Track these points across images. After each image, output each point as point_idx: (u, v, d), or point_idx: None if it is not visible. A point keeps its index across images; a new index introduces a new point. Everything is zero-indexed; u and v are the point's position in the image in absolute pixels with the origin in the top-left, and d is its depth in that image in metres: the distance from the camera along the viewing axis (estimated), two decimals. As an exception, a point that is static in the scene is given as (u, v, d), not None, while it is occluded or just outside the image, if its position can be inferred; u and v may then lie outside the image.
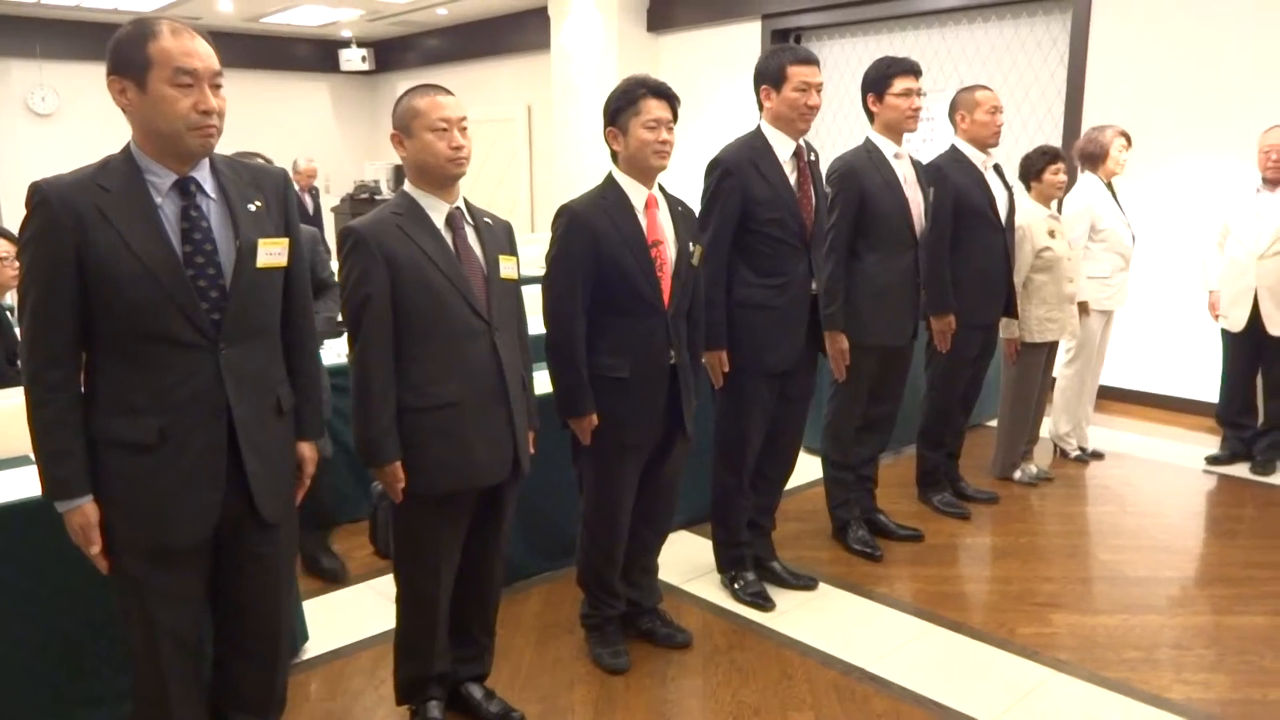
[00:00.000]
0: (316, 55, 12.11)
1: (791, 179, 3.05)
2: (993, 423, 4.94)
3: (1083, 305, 4.50)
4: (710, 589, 3.38)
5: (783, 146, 3.05)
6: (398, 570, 2.43)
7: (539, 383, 2.59)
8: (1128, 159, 4.61)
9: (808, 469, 4.10)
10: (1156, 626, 3.15)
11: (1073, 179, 4.65)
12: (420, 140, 2.21)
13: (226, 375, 1.88)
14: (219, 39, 1.89)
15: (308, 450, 2.15)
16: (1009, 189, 4.01)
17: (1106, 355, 4.90)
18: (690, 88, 6.85)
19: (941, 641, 3.06)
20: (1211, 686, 2.80)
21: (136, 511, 1.87)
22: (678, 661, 2.93)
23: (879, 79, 3.41)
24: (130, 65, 1.78)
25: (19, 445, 2.39)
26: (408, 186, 2.30)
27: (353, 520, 3.83)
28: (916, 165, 3.54)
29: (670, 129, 2.63)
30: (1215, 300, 4.71)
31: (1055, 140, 6.07)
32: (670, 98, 2.64)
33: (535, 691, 2.76)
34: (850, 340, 3.35)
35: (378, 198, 10.99)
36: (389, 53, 11.99)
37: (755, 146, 3.05)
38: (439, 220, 2.27)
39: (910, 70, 3.38)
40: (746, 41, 7.86)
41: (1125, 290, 4.68)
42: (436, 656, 2.47)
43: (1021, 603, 3.32)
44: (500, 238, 2.39)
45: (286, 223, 2.01)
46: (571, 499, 3.05)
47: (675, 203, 2.79)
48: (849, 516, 3.75)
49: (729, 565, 3.35)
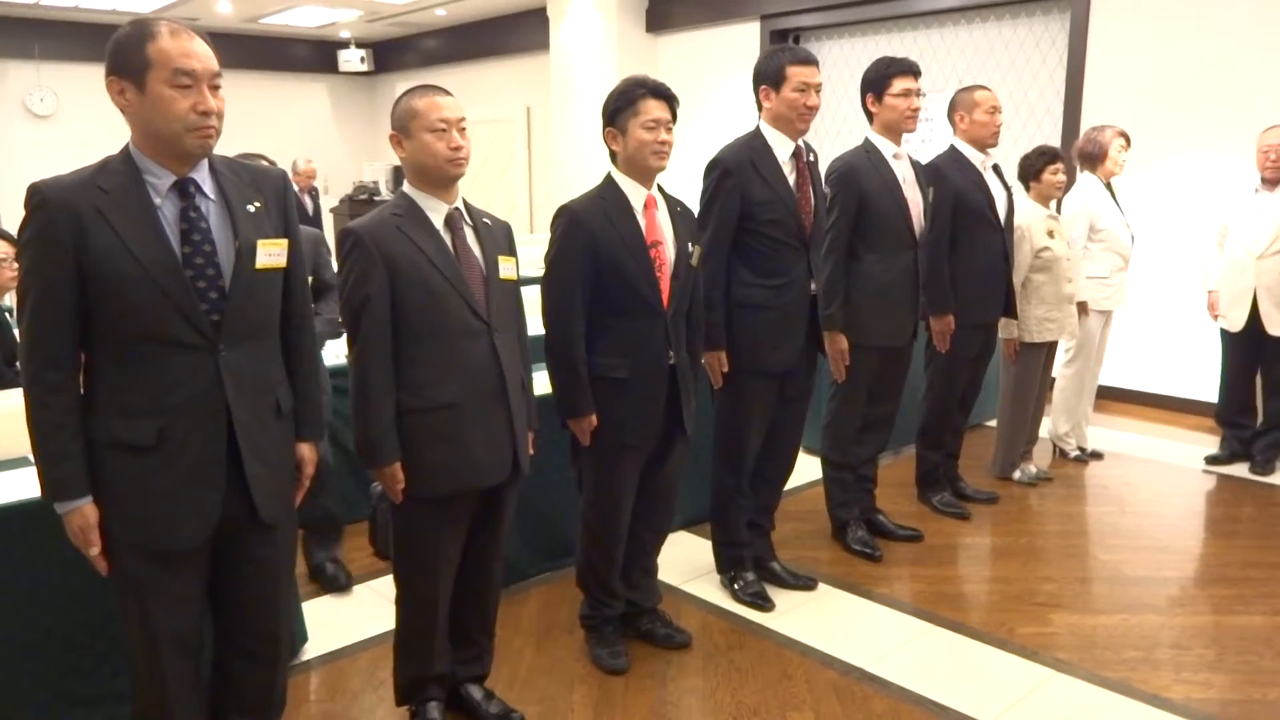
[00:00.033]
0: (315, 56, 12.11)
1: (791, 179, 3.05)
2: (992, 423, 4.95)
3: (1082, 305, 4.50)
4: (710, 589, 3.38)
5: (782, 147, 3.05)
6: (397, 571, 2.43)
7: (538, 383, 2.59)
8: (1127, 159, 4.61)
9: (807, 469, 4.10)
10: (1156, 626, 3.15)
11: (1072, 179, 4.65)
12: (419, 141, 2.21)
13: (226, 376, 1.87)
14: (217, 40, 1.89)
15: (307, 451, 2.14)
16: (1008, 189, 4.01)
17: (1106, 355, 4.90)
18: (689, 88, 6.85)
19: (941, 641, 3.06)
20: (1211, 686, 2.80)
21: (136, 513, 1.87)
22: (677, 662, 2.93)
23: (878, 79, 3.41)
24: (129, 66, 1.77)
25: (18, 446, 2.39)
26: (407, 187, 2.29)
27: (352, 521, 3.82)
28: (916, 165, 3.54)
29: (669, 129, 2.63)
30: (1214, 300, 4.71)
31: (1054, 140, 6.07)
32: (669, 98, 2.64)
33: (535, 692, 2.76)
34: (850, 340, 3.35)
35: (377, 199, 10.99)
36: (388, 54, 11.99)
37: (754, 147, 3.05)
38: (438, 221, 2.27)
39: (909, 70, 3.38)
40: (745, 42, 7.86)
41: (1124, 290, 4.68)
42: (436, 657, 2.47)
43: (1021, 603, 3.32)
44: (499, 238, 2.39)
45: (286, 224, 2.01)
46: (571, 500, 3.05)
47: (674, 203, 2.79)
48: (848, 517, 3.75)
49: (728, 566, 3.35)
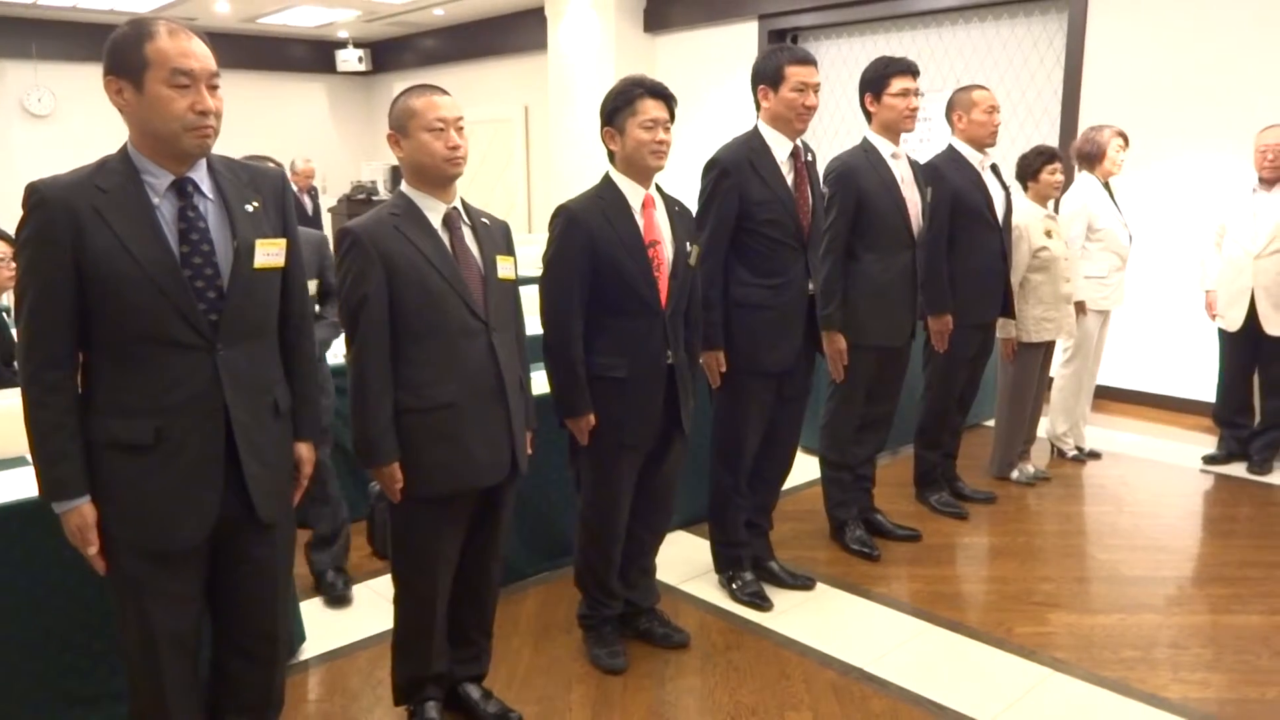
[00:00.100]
0: (313, 56, 12.10)
1: (789, 179, 3.05)
2: (990, 423, 4.95)
3: (1080, 305, 4.50)
4: (708, 589, 3.38)
5: (780, 147, 3.05)
6: (395, 571, 2.43)
7: (536, 383, 2.59)
8: (1125, 159, 4.61)
9: (805, 469, 4.10)
10: (1153, 626, 3.15)
11: (1069, 179, 4.65)
12: (417, 140, 2.21)
13: (224, 376, 1.87)
14: (215, 39, 1.89)
15: (305, 451, 2.14)
16: (1006, 189, 4.01)
17: (1103, 355, 4.91)
18: (687, 88, 6.85)
19: (939, 641, 3.06)
20: (1208, 685, 2.80)
21: (134, 512, 1.87)
22: (675, 662, 2.93)
23: (876, 79, 3.41)
24: (127, 66, 1.77)
25: (16, 446, 2.38)
26: (405, 187, 2.29)
27: (350, 520, 3.81)
28: (914, 165, 3.54)
29: (667, 129, 2.63)
30: (1212, 300, 4.72)
31: (1052, 140, 6.08)
32: (667, 98, 2.64)
33: (533, 692, 2.76)
34: (848, 340, 3.35)
35: (375, 198, 10.99)
36: (386, 53, 11.98)
37: (753, 147, 3.05)
38: (436, 221, 2.27)
39: (908, 70, 3.38)
40: (743, 42, 7.86)
41: (1122, 290, 4.68)
42: (434, 657, 2.47)
43: (1019, 602, 3.32)
44: (498, 238, 2.39)
45: (284, 223, 2.01)
46: (569, 499, 3.06)
47: (672, 203, 2.79)
48: (846, 516, 3.75)
49: (727, 565, 3.35)
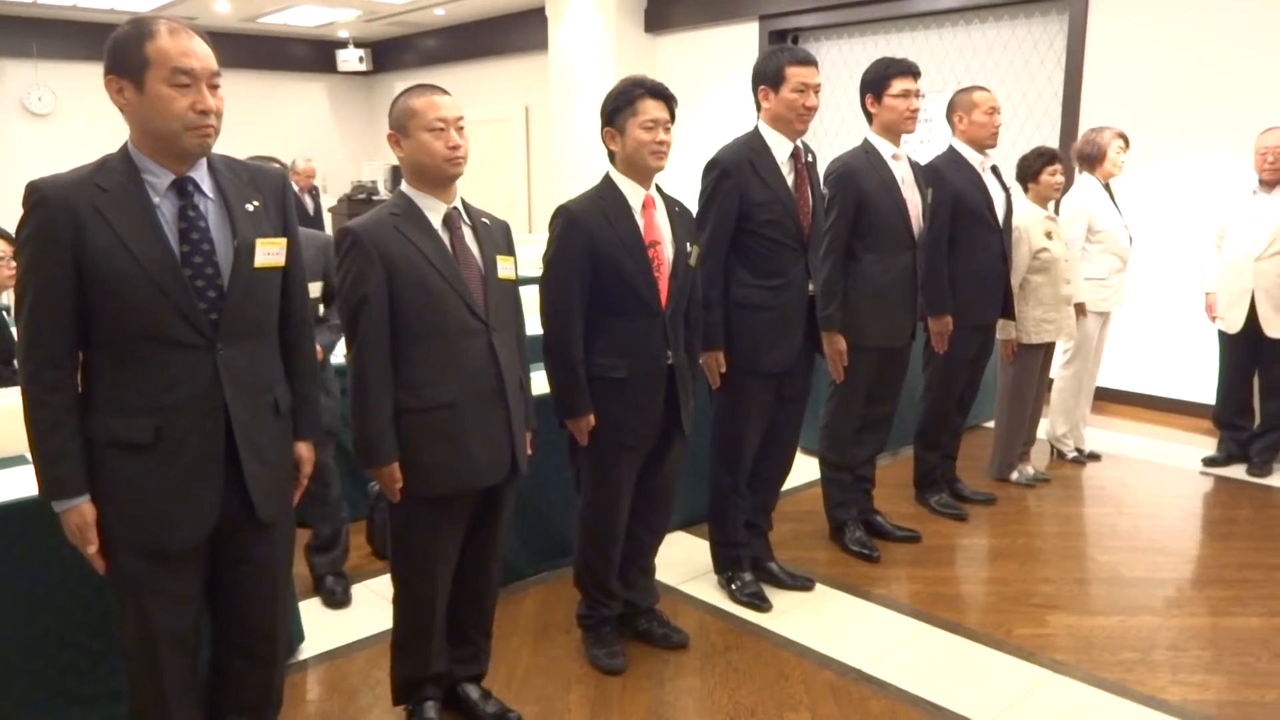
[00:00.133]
0: (313, 56, 12.09)
1: (789, 180, 3.05)
2: (990, 424, 4.95)
3: (1080, 306, 4.50)
4: (707, 590, 3.38)
5: (780, 147, 3.05)
6: (394, 570, 2.43)
7: (536, 383, 2.59)
8: (1125, 160, 4.61)
9: (805, 470, 4.10)
10: (1153, 628, 3.15)
11: (1070, 180, 4.65)
12: (417, 140, 2.21)
13: (224, 375, 1.87)
14: (215, 39, 1.89)
15: (305, 450, 2.14)
16: (1006, 190, 4.01)
17: (1103, 357, 4.91)
18: (688, 88, 6.85)
19: (938, 642, 3.06)
20: (1208, 687, 2.80)
21: (133, 511, 1.87)
22: (674, 662, 2.93)
23: (877, 80, 3.41)
24: (128, 65, 1.77)
25: (16, 445, 2.38)
26: (405, 187, 2.29)
27: (350, 520, 3.81)
28: (915, 166, 3.54)
29: (668, 129, 2.63)
30: (1212, 302, 4.72)
31: (1052, 141, 6.08)
32: (668, 98, 2.64)
33: (532, 692, 2.76)
34: (848, 341, 3.35)
35: (375, 198, 10.98)
36: (386, 53, 11.98)
37: (753, 147, 3.05)
38: (436, 220, 2.27)
39: (909, 71, 3.38)
40: (744, 42, 7.87)
41: (1122, 292, 4.68)
42: (433, 657, 2.47)
43: (1018, 604, 3.32)
44: (498, 238, 2.39)
45: (284, 223, 2.01)
46: (568, 499, 3.06)
47: (672, 203, 2.79)
48: (846, 517, 3.75)
49: (726, 566, 3.35)
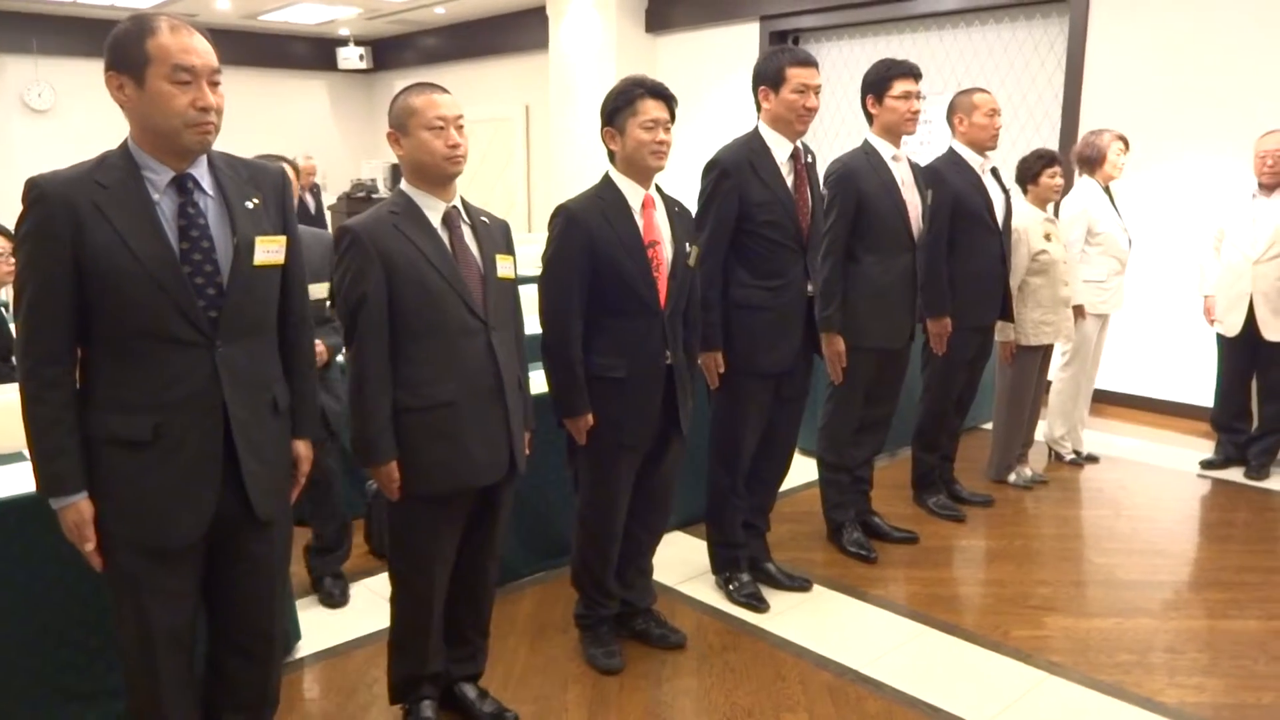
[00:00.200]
0: (314, 53, 12.08)
1: (789, 181, 3.06)
2: (988, 425, 4.95)
3: (1078, 309, 4.51)
4: (705, 590, 3.38)
5: (780, 148, 3.05)
6: (392, 569, 2.43)
7: (535, 383, 2.59)
8: (1125, 163, 4.62)
9: (803, 471, 4.10)
10: (1150, 630, 3.16)
11: (1069, 182, 4.65)
12: (417, 139, 2.21)
13: (222, 373, 1.87)
14: (216, 36, 1.89)
15: (303, 449, 2.14)
16: (1006, 192, 4.01)
17: (1102, 359, 4.91)
18: (688, 88, 6.85)
19: (936, 644, 3.06)
20: (1204, 690, 2.80)
21: (131, 509, 1.87)
22: (672, 662, 2.93)
23: (878, 81, 3.41)
24: (128, 61, 1.77)
25: (14, 442, 2.38)
26: (404, 185, 2.29)
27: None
28: (915, 167, 3.54)
29: (668, 129, 2.63)
30: (1211, 305, 4.72)
31: (1052, 144, 6.09)
32: (668, 98, 2.64)
33: (529, 691, 2.76)
34: (847, 343, 3.35)
35: (375, 196, 10.97)
36: (387, 51, 11.98)
37: (753, 148, 3.05)
38: (436, 219, 2.26)
39: (909, 73, 3.38)
40: (745, 43, 7.87)
41: (1121, 294, 4.69)
42: (430, 656, 2.47)
43: (1016, 605, 3.33)
44: (497, 237, 2.39)
45: (284, 221, 2.01)
46: (566, 499, 3.06)
47: (672, 203, 2.79)
48: (844, 518, 3.75)
49: (724, 566, 3.35)
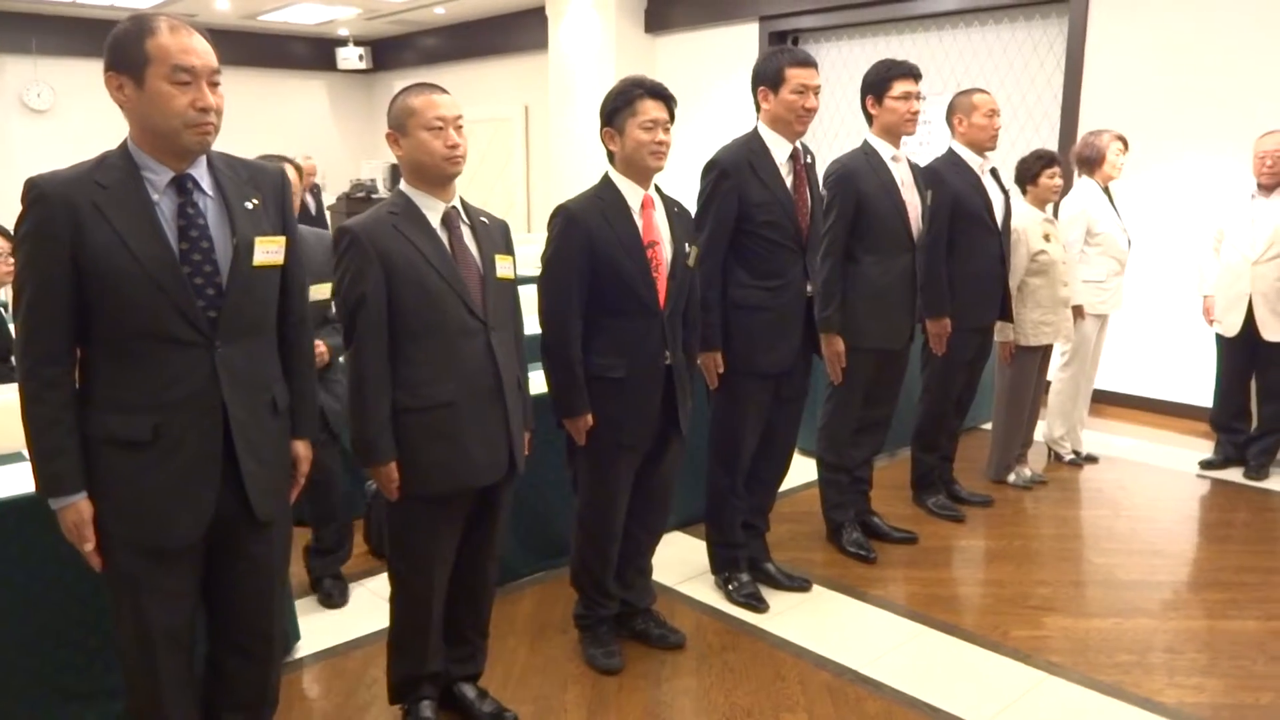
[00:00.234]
0: (313, 54, 12.08)
1: (788, 181, 3.06)
2: (987, 426, 4.95)
3: (1078, 309, 4.51)
4: (704, 590, 3.38)
5: (779, 149, 3.05)
6: (392, 569, 2.43)
7: (534, 383, 2.59)
8: (1124, 163, 4.62)
9: (802, 471, 4.11)
10: (1149, 630, 3.16)
11: (1069, 183, 4.65)
12: (416, 139, 2.21)
13: (222, 373, 1.87)
14: (215, 36, 1.88)
15: (303, 449, 2.14)
16: (1005, 192, 4.01)
17: (1101, 359, 4.91)
18: (687, 89, 6.85)
19: (935, 644, 3.06)
20: (1204, 690, 2.80)
21: (130, 509, 1.87)
22: (671, 662, 2.93)
23: (878, 82, 3.41)
24: (128, 62, 1.77)
25: (13, 442, 2.38)
26: (404, 186, 2.29)
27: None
28: (914, 168, 3.55)
29: (667, 130, 2.63)
30: (1210, 305, 4.72)
31: (1051, 144, 6.09)
32: (667, 99, 2.64)
33: (528, 691, 2.76)
34: (846, 343, 3.35)
35: (374, 196, 10.98)
36: (386, 52, 11.97)
37: (752, 148, 3.05)
38: (435, 219, 2.26)
39: (909, 73, 3.38)
40: (744, 43, 7.87)
41: (1120, 294, 4.69)
42: (430, 656, 2.47)
43: (1015, 606, 3.33)
44: (496, 237, 2.39)
45: (283, 221, 2.01)
46: (566, 499, 3.05)
47: (671, 203, 2.79)
48: (843, 519, 3.75)
49: (723, 566, 3.35)
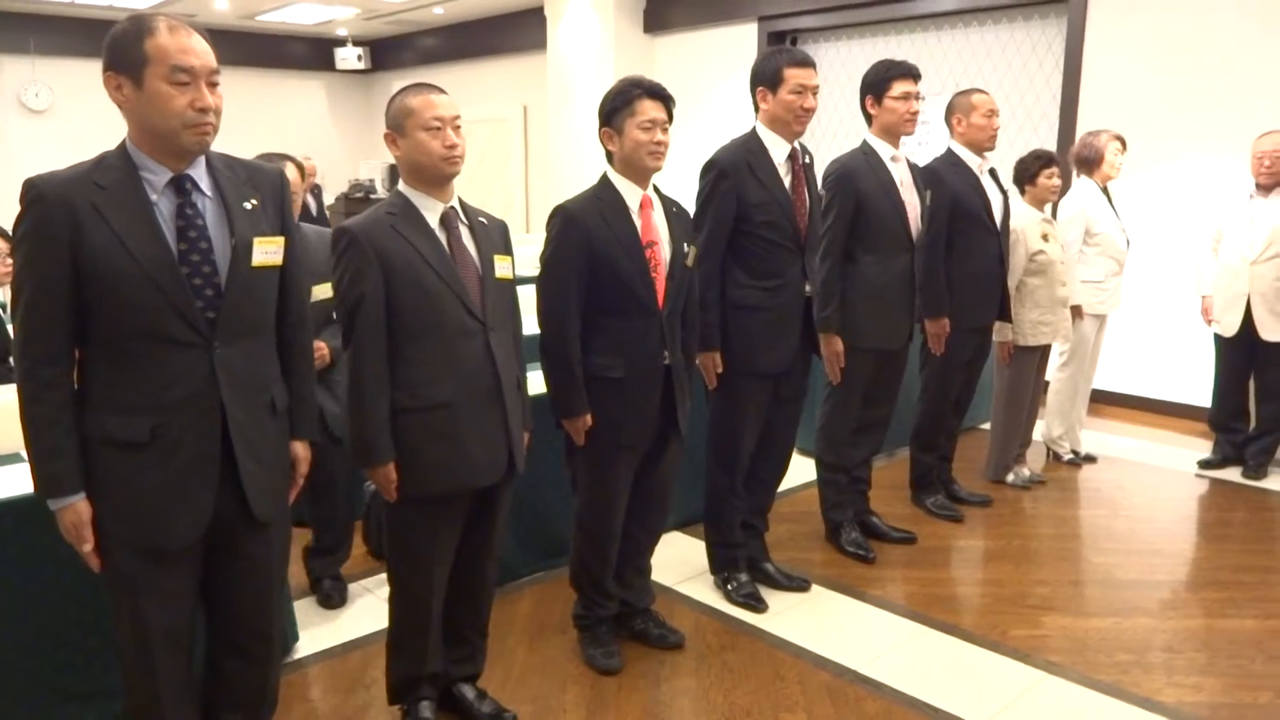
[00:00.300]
0: (312, 54, 12.07)
1: (786, 181, 3.06)
2: (986, 426, 4.95)
3: (1076, 309, 4.51)
4: (703, 590, 3.38)
5: (778, 149, 3.06)
6: (391, 570, 2.43)
7: (533, 383, 2.59)
8: (1123, 163, 4.62)
9: (801, 471, 4.11)
10: (1148, 629, 3.16)
11: (1067, 183, 4.66)
12: (414, 139, 2.21)
13: (220, 374, 1.87)
14: (213, 36, 1.88)
15: (302, 450, 2.13)
16: (1004, 192, 4.02)
17: (1100, 359, 4.92)
18: (686, 89, 6.86)
19: (934, 644, 3.07)
20: (1202, 689, 2.81)
21: (129, 510, 1.86)
22: (670, 662, 2.93)
23: (877, 82, 3.41)
24: (127, 62, 1.77)
25: (12, 442, 2.38)
26: (402, 186, 2.29)
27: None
28: (913, 168, 3.55)
29: (665, 130, 2.63)
30: (1208, 305, 4.72)
31: (1050, 144, 6.09)
32: (665, 99, 2.64)
33: (527, 692, 2.76)
34: (845, 343, 3.35)
35: (373, 197, 10.98)
36: (385, 52, 11.97)
37: (750, 148, 3.05)
38: (433, 220, 2.27)
39: (909, 74, 3.39)
40: (743, 43, 7.87)
41: (1119, 294, 4.69)
42: (429, 656, 2.47)
43: (1014, 605, 3.33)
44: (495, 237, 2.39)
45: (282, 221, 2.01)
46: (565, 499, 3.05)
47: (670, 203, 2.79)
48: (842, 518, 3.75)
49: (722, 566, 3.35)
